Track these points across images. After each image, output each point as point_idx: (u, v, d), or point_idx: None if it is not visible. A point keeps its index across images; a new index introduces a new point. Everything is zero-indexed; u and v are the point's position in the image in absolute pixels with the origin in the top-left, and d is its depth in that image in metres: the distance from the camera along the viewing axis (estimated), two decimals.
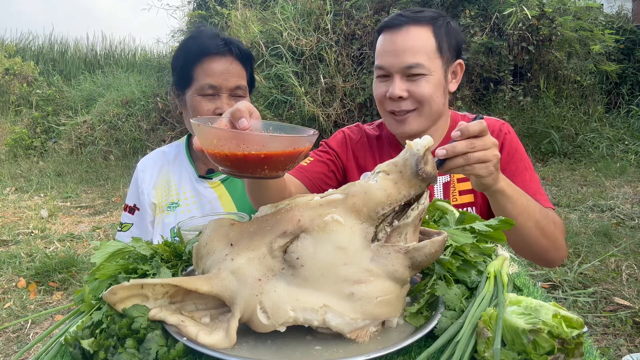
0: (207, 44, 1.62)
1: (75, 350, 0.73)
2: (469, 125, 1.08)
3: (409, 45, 1.46)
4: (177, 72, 1.68)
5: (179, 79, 1.68)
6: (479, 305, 0.75)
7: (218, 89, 1.60)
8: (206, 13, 8.40)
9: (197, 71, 1.61)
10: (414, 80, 1.47)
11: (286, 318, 0.74)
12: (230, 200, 1.74)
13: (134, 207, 1.81)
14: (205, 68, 1.60)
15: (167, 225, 1.72)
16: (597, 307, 2.96)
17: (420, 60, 1.45)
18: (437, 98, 1.49)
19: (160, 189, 1.79)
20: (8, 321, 3.13)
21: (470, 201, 1.57)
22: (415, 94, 1.47)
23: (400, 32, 1.47)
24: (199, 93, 1.61)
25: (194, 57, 1.62)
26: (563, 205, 4.82)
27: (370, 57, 6.73)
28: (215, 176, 1.76)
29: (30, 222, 5.06)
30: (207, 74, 1.60)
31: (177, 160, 1.81)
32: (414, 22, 1.48)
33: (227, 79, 1.60)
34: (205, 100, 1.60)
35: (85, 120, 8.42)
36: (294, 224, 0.75)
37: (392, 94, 1.47)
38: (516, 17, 6.18)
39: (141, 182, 1.80)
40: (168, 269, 0.90)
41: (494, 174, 1.15)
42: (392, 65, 1.47)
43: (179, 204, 1.75)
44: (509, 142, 1.55)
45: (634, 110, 7.17)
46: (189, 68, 1.63)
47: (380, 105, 1.56)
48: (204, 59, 1.61)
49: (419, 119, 1.50)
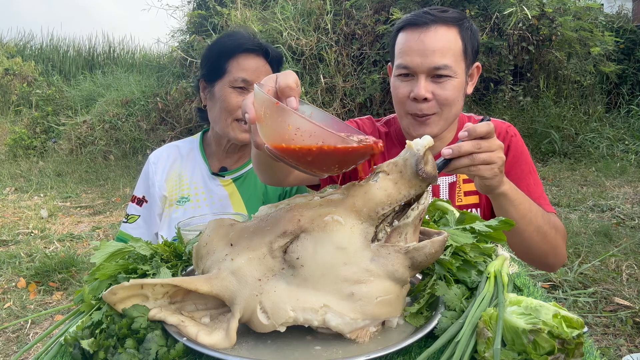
0: (244, 41, 1.69)
1: (75, 350, 0.73)
2: (476, 126, 1.09)
3: (438, 45, 1.42)
4: (210, 64, 1.73)
5: (211, 71, 1.72)
6: (479, 305, 0.75)
7: (249, 84, 1.66)
8: (206, 13, 8.40)
9: (232, 64, 1.67)
10: (440, 82, 1.43)
11: (286, 318, 0.74)
12: (240, 200, 1.75)
13: (143, 198, 1.81)
14: (241, 62, 1.67)
15: (175, 219, 1.72)
16: (597, 307, 2.96)
17: (448, 62, 1.42)
18: (458, 101, 1.47)
19: (171, 182, 1.80)
20: (8, 321, 3.13)
21: (475, 202, 1.57)
22: (440, 96, 1.43)
23: (429, 32, 1.43)
24: (231, 85, 1.66)
25: (230, 50, 1.68)
26: (563, 205, 4.82)
27: (370, 57, 6.73)
28: (228, 174, 1.78)
29: (30, 222, 5.06)
30: (241, 68, 1.66)
31: (190, 155, 1.83)
32: (442, 22, 1.44)
33: (259, 76, 1.65)
34: (235, 92, 1.66)
35: (85, 120, 8.42)
36: (294, 224, 0.75)
37: (418, 95, 1.42)
38: (516, 17, 6.17)
39: (153, 174, 1.81)
40: (168, 269, 0.90)
41: (498, 176, 1.16)
42: (419, 65, 1.42)
43: (189, 199, 1.76)
44: (515, 145, 1.54)
45: (634, 110, 7.17)
46: (223, 61, 1.68)
47: (400, 106, 1.51)
48: (239, 55, 1.67)
49: (439, 121, 1.47)
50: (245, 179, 1.79)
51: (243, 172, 1.80)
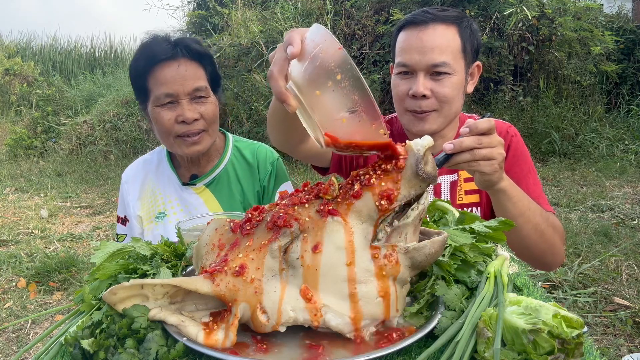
0: (155, 52, 1.53)
1: (75, 350, 0.73)
2: (477, 122, 1.11)
3: (437, 43, 1.43)
4: (134, 87, 1.62)
5: (137, 93, 1.61)
6: (479, 305, 0.75)
7: (175, 96, 1.52)
8: (206, 13, 8.40)
9: (151, 82, 1.54)
10: (438, 79, 1.44)
11: (286, 318, 0.74)
12: (217, 204, 1.71)
13: (125, 218, 1.78)
14: (158, 77, 1.52)
15: (157, 236, 1.66)
16: (597, 307, 2.96)
17: (447, 59, 1.43)
18: (457, 99, 1.48)
19: (146, 199, 1.75)
20: (8, 321, 3.13)
21: (475, 201, 1.57)
22: (438, 94, 1.45)
23: (427, 30, 1.45)
24: (157, 104, 1.54)
25: (143, 68, 1.55)
26: (563, 205, 4.82)
27: (370, 57, 6.73)
28: (199, 181, 1.71)
29: (30, 222, 5.06)
30: (160, 83, 1.52)
31: (159, 168, 1.76)
32: (441, 21, 1.45)
33: (182, 83, 1.52)
34: (165, 109, 1.54)
35: (85, 120, 8.41)
36: (294, 224, 0.75)
37: (417, 92, 1.44)
38: (516, 17, 6.17)
39: (126, 194, 1.76)
40: (168, 269, 0.90)
41: (498, 172, 1.17)
42: (418, 62, 1.44)
43: (166, 213, 1.71)
44: (515, 145, 1.55)
45: (634, 110, 7.17)
46: (143, 81, 1.56)
47: (400, 103, 1.52)
48: (154, 68, 1.53)
49: (438, 118, 1.48)
50: (217, 182, 1.72)
51: (214, 175, 1.72)
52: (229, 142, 1.78)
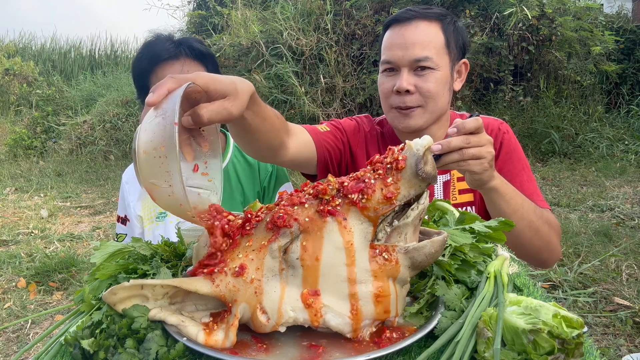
0: (158, 51, 1.54)
1: (75, 350, 0.73)
2: (465, 122, 1.10)
3: (419, 38, 1.44)
4: (136, 85, 1.61)
5: (139, 92, 1.61)
6: (479, 305, 0.75)
7: None
8: (206, 13, 8.40)
9: (153, 81, 1.54)
10: (422, 75, 1.45)
11: (286, 318, 0.74)
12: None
13: (125, 218, 1.78)
14: (160, 76, 1.52)
15: (157, 236, 1.66)
16: (597, 307, 2.96)
17: (429, 54, 1.43)
18: (442, 95, 1.48)
19: (147, 199, 1.73)
20: (8, 321, 3.13)
21: (469, 200, 1.57)
22: (422, 89, 1.45)
23: (410, 26, 1.46)
24: None
25: (146, 66, 1.55)
26: (563, 205, 4.82)
27: (370, 57, 6.73)
28: None
29: (30, 222, 5.06)
30: None
31: None
32: (423, 17, 1.47)
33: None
34: None
35: (85, 120, 8.41)
36: (293, 224, 0.75)
37: (400, 87, 1.44)
38: (516, 17, 6.17)
39: (126, 194, 1.76)
40: (168, 269, 0.90)
41: (488, 171, 1.16)
42: (401, 58, 1.45)
43: (166, 213, 1.70)
44: (507, 141, 1.55)
45: (634, 110, 7.17)
46: (145, 80, 1.56)
47: (385, 100, 1.53)
48: (156, 67, 1.53)
49: (424, 114, 1.48)
50: None
51: None
52: (230, 142, 1.78)
